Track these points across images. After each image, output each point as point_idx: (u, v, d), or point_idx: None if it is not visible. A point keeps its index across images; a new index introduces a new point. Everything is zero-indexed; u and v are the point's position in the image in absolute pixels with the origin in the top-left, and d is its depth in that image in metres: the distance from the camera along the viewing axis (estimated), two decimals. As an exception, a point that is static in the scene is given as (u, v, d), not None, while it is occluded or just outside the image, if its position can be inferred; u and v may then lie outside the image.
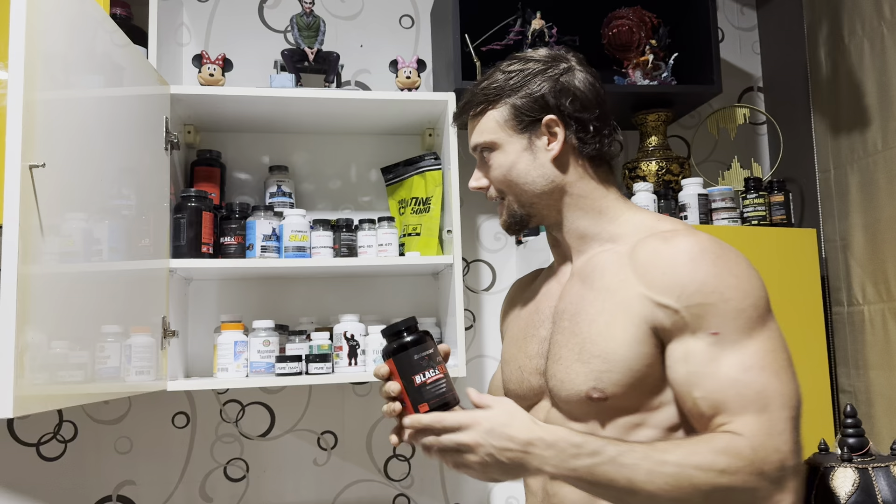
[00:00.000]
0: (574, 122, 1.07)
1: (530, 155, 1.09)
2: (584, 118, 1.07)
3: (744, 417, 0.90)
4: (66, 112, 1.16)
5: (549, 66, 1.10)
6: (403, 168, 1.99)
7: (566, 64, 1.10)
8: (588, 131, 1.07)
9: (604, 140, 1.09)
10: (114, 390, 1.37)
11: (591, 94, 1.08)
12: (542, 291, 1.18)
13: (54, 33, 1.12)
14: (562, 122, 1.07)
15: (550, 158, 1.08)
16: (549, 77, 1.09)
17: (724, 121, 2.22)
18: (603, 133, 1.09)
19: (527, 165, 1.09)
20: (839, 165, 1.99)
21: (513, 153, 1.10)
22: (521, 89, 1.09)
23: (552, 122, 1.07)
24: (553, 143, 1.08)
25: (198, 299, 1.94)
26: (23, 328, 1.00)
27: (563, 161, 1.09)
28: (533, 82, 1.09)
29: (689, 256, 0.96)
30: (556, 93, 1.07)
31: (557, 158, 1.08)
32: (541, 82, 1.08)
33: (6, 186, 0.99)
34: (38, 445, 1.88)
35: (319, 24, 1.86)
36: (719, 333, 0.93)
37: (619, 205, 1.11)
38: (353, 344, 1.75)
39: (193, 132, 1.91)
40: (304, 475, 1.97)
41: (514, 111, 1.09)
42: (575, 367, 1.02)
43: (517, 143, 1.10)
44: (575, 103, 1.07)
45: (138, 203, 1.46)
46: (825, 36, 2.05)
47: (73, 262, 1.17)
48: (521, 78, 1.09)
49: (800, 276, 1.83)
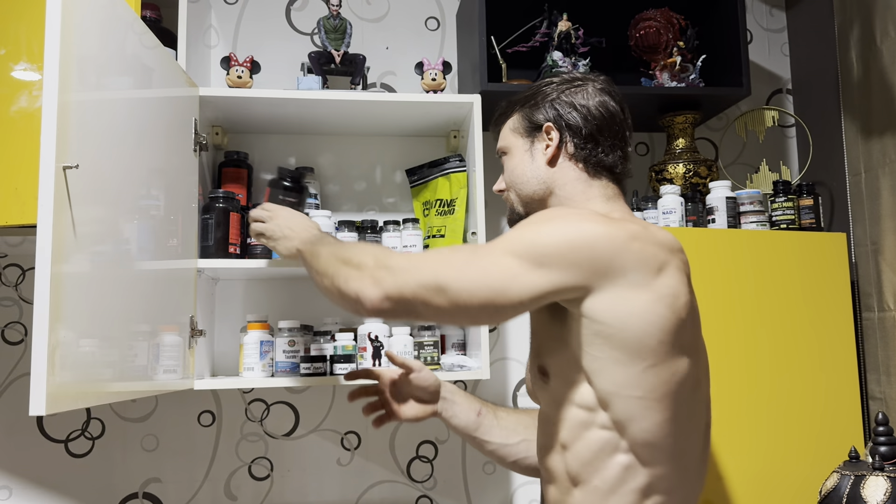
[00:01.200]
0: (570, 130, 1.16)
1: (530, 157, 1.19)
2: (581, 127, 1.15)
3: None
4: (98, 113, 1.17)
5: (565, 82, 1.20)
6: (428, 170, 1.99)
7: (582, 82, 1.20)
8: (584, 138, 1.15)
9: (599, 148, 1.15)
10: (142, 388, 1.39)
11: (596, 108, 1.16)
12: None
13: (87, 35, 1.14)
14: (557, 129, 1.16)
15: (546, 161, 1.17)
16: (557, 90, 1.19)
17: (753, 123, 2.20)
18: (601, 142, 1.15)
19: (525, 167, 1.19)
20: (870, 169, 1.96)
21: (517, 156, 1.21)
22: (531, 100, 1.21)
23: (549, 128, 1.17)
24: (549, 147, 1.17)
25: (224, 299, 1.96)
26: (55, 327, 1.01)
27: (556, 164, 1.17)
28: (541, 93, 1.20)
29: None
30: (558, 104, 1.17)
31: (552, 161, 1.17)
32: (549, 94, 1.19)
33: (41, 187, 1.01)
34: (67, 442, 1.90)
35: (346, 27, 1.87)
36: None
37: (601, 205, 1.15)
38: (377, 345, 1.76)
39: (221, 133, 1.92)
40: (327, 475, 1.98)
41: (522, 118, 1.21)
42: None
43: (522, 146, 1.21)
44: (575, 113, 1.16)
45: (167, 204, 1.48)
46: (856, 37, 2.02)
47: (103, 262, 1.19)
48: (534, 91, 1.21)
49: (829, 281, 1.80)
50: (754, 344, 1.72)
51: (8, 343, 1.91)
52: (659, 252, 1.01)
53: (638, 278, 0.98)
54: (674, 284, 1.01)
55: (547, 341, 1.11)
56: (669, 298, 1.00)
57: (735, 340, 1.71)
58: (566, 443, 1.08)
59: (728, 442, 1.66)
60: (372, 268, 1.04)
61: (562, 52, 1.98)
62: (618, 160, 1.16)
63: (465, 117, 1.90)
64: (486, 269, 1.00)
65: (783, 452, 1.69)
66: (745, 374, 1.70)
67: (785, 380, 1.73)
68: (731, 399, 1.68)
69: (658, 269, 1.00)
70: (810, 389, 1.74)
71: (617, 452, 1.03)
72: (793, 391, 1.73)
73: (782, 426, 1.70)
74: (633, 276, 0.98)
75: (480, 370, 1.74)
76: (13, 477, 1.87)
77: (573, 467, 1.07)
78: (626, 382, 1.00)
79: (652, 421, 1.01)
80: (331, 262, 1.13)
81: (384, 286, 1.01)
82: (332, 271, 1.11)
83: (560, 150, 1.16)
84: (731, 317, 1.72)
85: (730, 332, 1.71)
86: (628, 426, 1.02)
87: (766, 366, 1.72)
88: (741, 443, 1.67)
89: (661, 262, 1.01)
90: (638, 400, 1.00)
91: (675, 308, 1.00)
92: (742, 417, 1.68)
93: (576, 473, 1.07)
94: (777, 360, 1.73)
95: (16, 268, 1.93)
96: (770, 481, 1.68)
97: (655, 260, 1.00)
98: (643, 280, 0.99)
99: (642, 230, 1.03)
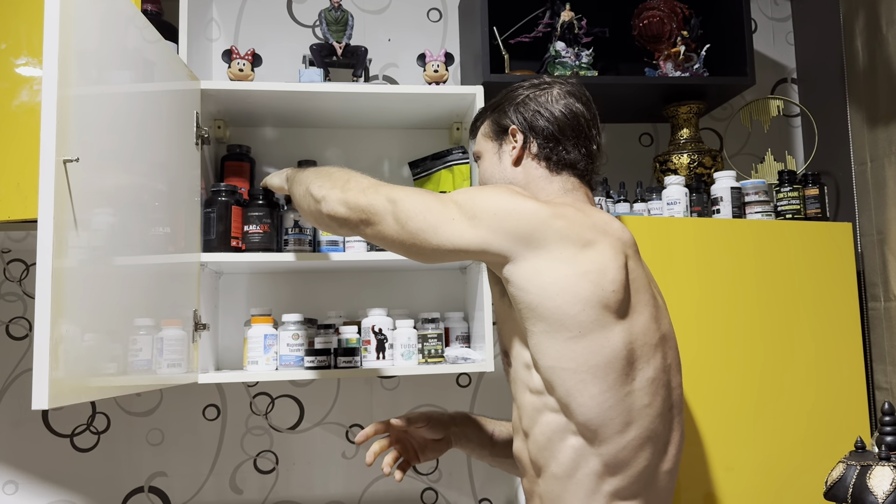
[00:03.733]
0: (533, 131, 1.21)
1: (498, 159, 1.25)
2: (543, 128, 1.20)
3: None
4: (99, 107, 1.17)
5: (532, 86, 1.25)
6: (431, 162, 1.98)
7: (548, 85, 1.24)
8: (546, 138, 1.20)
9: (560, 147, 1.20)
10: (146, 382, 1.39)
11: (560, 110, 1.21)
12: None
13: (87, 29, 1.13)
14: (521, 131, 1.22)
15: (511, 162, 1.23)
16: (523, 94, 1.24)
17: (758, 113, 2.18)
18: (562, 142, 1.20)
19: (494, 168, 1.26)
20: (876, 158, 1.95)
21: (488, 159, 1.27)
22: (500, 105, 1.26)
23: (514, 131, 1.22)
24: (514, 149, 1.22)
25: (228, 293, 1.96)
26: (57, 321, 1.01)
27: (521, 164, 1.22)
28: (508, 98, 1.25)
29: None
30: (523, 107, 1.23)
31: (516, 161, 1.22)
32: (515, 98, 1.24)
33: (41, 181, 1.00)
34: (72, 437, 1.91)
35: (347, 19, 1.86)
36: None
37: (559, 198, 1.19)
38: (381, 338, 1.76)
39: (223, 127, 1.92)
40: (332, 468, 1.98)
41: (491, 123, 1.27)
42: None
43: (492, 149, 1.26)
44: (538, 116, 1.21)
45: (169, 198, 1.48)
46: (862, 26, 2.00)
47: (105, 256, 1.18)
48: (503, 96, 1.27)
49: (835, 270, 1.79)
50: (760, 334, 1.71)
51: (13, 338, 1.91)
52: (586, 231, 1.07)
53: (558, 253, 1.04)
54: (601, 260, 1.05)
55: (503, 324, 1.17)
56: (593, 274, 1.04)
57: (741, 331, 1.70)
58: (527, 430, 1.12)
59: (734, 432, 1.65)
60: (343, 184, 1.19)
61: (565, 43, 1.97)
62: (580, 157, 1.21)
63: (467, 109, 1.90)
64: (430, 205, 1.10)
65: (789, 443, 1.69)
66: (751, 364, 1.70)
67: (791, 370, 1.72)
68: (737, 390, 1.67)
69: (582, 246, 1.05)
70: (816, 380, 1.73)
71: (567, 435, 1.07)
72: (799, 381, 1.72)
73: (788, 417, 1.70)
74: (554, 250, 1.04)
75: (484, 362, 1.74)
76: (19, 471, 1.88)
77: (534, 455, 1.11)
78: (556, 355, 1.05)
79: (587, 395, 1.04)
80: (309, 175, 1.29)
81: (347, 199, 1.16)
82: (307, 181, 1.27)
83: (524, 150, 1.22)
84: (737, 307, 1.71)
85: (735, 322, 1.70)
86: (570, 404, 1.05)
87: (772, 356, 1.71)
88: (747, 433, 1.67)
89: (586, 239, 1.06)
90: (571, 373, 1.04)
91: (599, 283, 1.04)
92: (748, 408, 1.68)
93: (536, 461, 1.11)
94: (783, 350, 1.72)
95: (20, 263, 1.93)
96: (776, 472, 1.67)
97: (580, 238, 1.06)
98: (564, 255, 1.04)
99: (574, 211, 1.10)
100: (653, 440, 1.09)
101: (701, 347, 1.64)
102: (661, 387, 1.11)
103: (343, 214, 1.17)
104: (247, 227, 1.73)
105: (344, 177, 1.22)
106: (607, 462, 1.06)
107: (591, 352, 1.04)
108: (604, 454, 1.05)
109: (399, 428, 1.36)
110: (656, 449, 1.10)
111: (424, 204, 1.11)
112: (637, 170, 2.16)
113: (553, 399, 1.07)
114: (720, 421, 1.64)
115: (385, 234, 1.13)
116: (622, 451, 1.06)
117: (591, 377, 1.04)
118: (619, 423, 1.05)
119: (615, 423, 1.05)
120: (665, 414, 1.11)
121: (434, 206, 1.10)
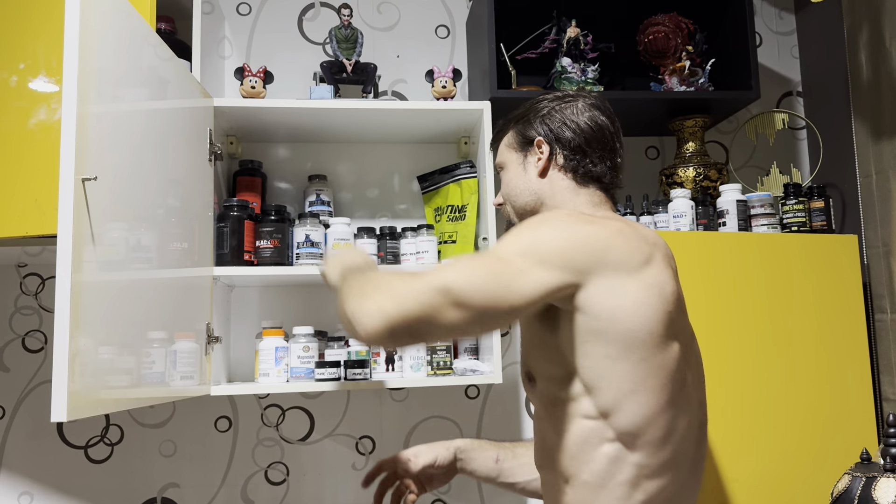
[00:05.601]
0: (560, 143, 1.20)
1: (523, 171, 1.24)
2: (570, 140, 1.20)
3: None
4: (116, 125, 1.20)
5: (556, 98, 1.24)
6: (439, 176, 2.01)
7: (572, 98, 1.24)
8: (573, 150, 1.20)
9: (586, 160, 1.20)
10: (159, 395, 1.41)
11: (585, 123, 1.20)
12: None
13: (104, 48, 1.17)
14: (548, 142, 1.21)
15: (537, 173, 1.22)
16: (549, 106, 1.23)
17: (763, 126, 2.20)
18: (589, 154, 1.20)
19: (519, 180, 1.24)
20: (881, 170, 1.96)
21: (512, 170, 1.26)
22: (524, 116, 1.26)
23: (540, 142, 1.22)
24: (540, 160, 1.21)
25: (240, 306, 1.99)
26: (75, 335, 1.04)
27: (547, 176, 1.21)
28: (534, 110, 1.25)
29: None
30: (549, 118, 1.22)
31: (543, 173, 1.21)
32: (540, 110, 1.24)
33: (60, 199, 1.03)
34: (86, 448, 1.93)
35: (357, 36, 1.90)
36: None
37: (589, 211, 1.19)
38: (391, 350, 1.78)
39: (236, 143, 1.95)
40: (342, 479, 2.00)
41: (516, 134, 1.26)
42: None
43: (516, 160, 1.25)
44: (564, 128, 1.20)
45: (183, 213, 1.50)
46: (865, 39, 2.02)
47: (121, 271, 1.21)
48: (527, 108, 1.26)
49: (841, 283, 1.80)
50: (767, 347, 1.72)
51: (29, 351, 1.95)
52: (643, 245, 1.06)
53: (626, 270, 1.03)
54: (660, 275, 1.05)
55: (534, 347, 1.13)
56: (657, 288, 1.03)
57: (747, 343, 1.71)
58: (554, 439, 1.10)
59: (740, 443, 1.66)
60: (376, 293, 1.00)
61: (571, 59, 1.99)
62: (606, 170, 1.21)
63: (475, 124, 1.92)
64: (491, 268, 1.01)
65: (795, 454, 1.69)
66: (758, 376, 1.71)
67: (797, 382, 1.73)
68: (744, 401, 1.68)
69: (645, 261, 1.04)
70: (823, 391, 1.74)
71: (603, 443, 1.05)
72: (805, 393, 1.73)
73: (795, 428, 1.71)
74: (621, 268, 1.03)
75: (493, 374, 1.75)
76: (34, 483, 1.91)
77: (562, 463, 1.09)
78: (616, 376, 1.02)
79: (639, 409, 1.03)
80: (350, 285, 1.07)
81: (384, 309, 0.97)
82: (344, 294, 1.06)
83: (550, 161, 1.21)
84: (743, 320, 1.72)
85: (742, 335, 1.71)
86: (614, 413, 1.03)
87: (779, 368, 1.72)
88: (753, 444, 1.67)
89: (647, 254, 1.05)
90: (628, 392, 1.02)
91: (663, 297, 1.04)
92: (755, 419, 1.68)
93: (565, 469, 1.08)
94: (789, 362, 1.73)
95: (35, 277, 1.97)
96: (782, 483, 1.68)
97: (641, 252, 1.05)
98: (631, 271, 1.03)
99: (625, 226, 1.08)
100: (686, 454, 1.09)
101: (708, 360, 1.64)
102: (697, 402, 1.12)
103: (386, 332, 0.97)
104: (258, 242, 1.76)
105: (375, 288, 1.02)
106: (644, 473, 1.04)
107: (652, 371, 1.03)
108: (643, 465, 1.04)
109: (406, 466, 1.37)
110: (688, 462, 1.10)
111: (481, 271, 1.01)
112: (643, 183, 2.18)
113: (590, 404, 1.05)
114: (727, 432, 1.65)
115: (452, 325, 0.98)
116: (657, 462, 1.05)
117: (648, 395, 1.03)
118: (665, 439, 1.05)
119: (661, 439, 1.04)
120: (698, 429, 1.12)
121: (493, 267, 1.01)
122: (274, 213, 1.78)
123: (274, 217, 1.78)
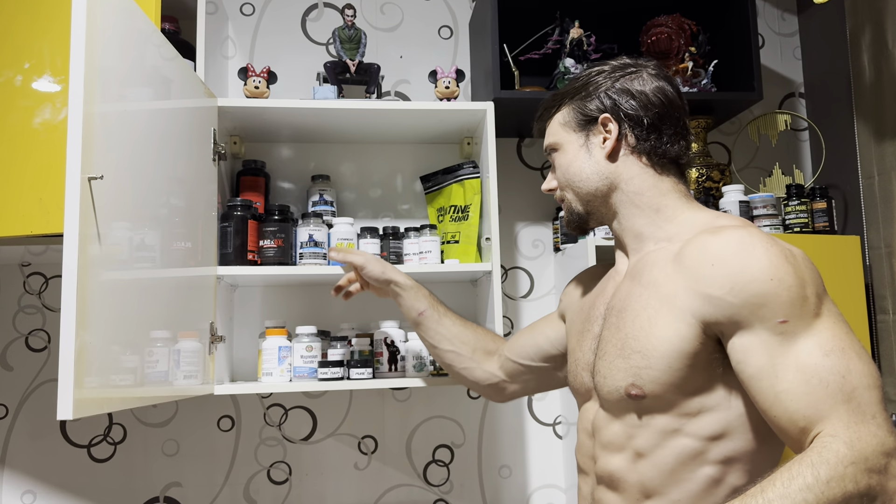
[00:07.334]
0: (630, 120, 1.08)
1: (586, 152, 1.12)
2: (642, 116, 1.08)
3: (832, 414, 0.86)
4: (121, 125, 1.20)
5: (615, 70, 1.12)
6: (442, 176, 2.01)
7: (634, 69, 1.11)
8: (646, 129, 1.08)
9: (663, 139, 1.08)
10: (163, 394, 1.41)
11: (654, 96, 1.08)
12: (600, 288, 1.19)
13: (108, 48, 1.17)
14: (616, 120, 1.09)
15: (605, 155, 1.10)
16: (609, 78, 1.11)
17: (765, 127, 2.20)
18: (664, 132, 1.08)
19: (582, 163, 1.12)
20: (883, 171, 1.96)
21: (571, 152, 1.13)
22: (580, 91, 1.13)
23: (606, 120, 1.10)
24: (607, 141, 1.09)
25: (243, 305, 1.99)
26: (81, 333, 1.04)
27: (617, 158, 1.10)
28: (592, 84, 1.12)
29: (739, 247, 0.95)
30: (613, 92, 1.09)
31: (612, 155, 1.09)
32: (600, 84, 1.11)
33: (67, 198, 1.03)
34: (89, 447, 1.94)
35: (361, 37, 1.90)
36: (788, 321, 0.91)
37: (679, 203, 1.09)
38: (394, 350, 1.78)
39: (239, 143, 1.96)
40: (345, 479, 2.00)
41: (573, 111, 1.13)
42: (616, 362, 1.03)
43: (575, 141, 1.13)
44: (632, 103, 1.08)
45: (187, 212, 1.51)
46: (868, 41, 2.02)
47: (126, 270, 1.21)
48: (584, 81, 1.13)
49: (843, 284, 1.81)
50: (768, 347, 1.72)
51: (32, 350, 1.95)
52: None
53: None
54: None
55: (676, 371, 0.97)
56: None
57: (749, 344, 1.71)
58: (643, 451, 1.01)
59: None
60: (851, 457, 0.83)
61: (574, 59, 2.00)
62: (682, 151, 1.10)
63: (478, 124, 1.92)
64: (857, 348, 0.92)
65: (798, 455, 1.69)
66: (760, 377, 1.71)
67: (799, 383, 1.73)
68: (746, 402, 1.68)
69: None
70: (825, 392, 1.74)
71: (704, 465, 0.97)
72: (807, 394, 1.73)
73: (797, 429, 1.71)
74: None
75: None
76: (37, 482, 1.91)
77: (649, 477, 1.00)
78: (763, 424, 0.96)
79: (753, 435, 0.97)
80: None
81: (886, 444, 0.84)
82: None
83: (620, 142, 1.09)
84: (745, 320, 1.72)
85: (744, 335, 1.71)
86: (726, 438, 0.97)
87: (781, 369, 1.72)
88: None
89: None
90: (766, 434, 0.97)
91: None
92: (757, 420, 1.69)
93: (651, 484, 1.00)
94: (791, 363, 1.73)
95: (39, 276, 1.97)
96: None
97: None
98: None
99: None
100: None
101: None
102: None
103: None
104: (262, 242, 1.76)
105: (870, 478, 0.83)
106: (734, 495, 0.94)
107: None
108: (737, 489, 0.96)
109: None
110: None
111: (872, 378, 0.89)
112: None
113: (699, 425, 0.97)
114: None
115: None
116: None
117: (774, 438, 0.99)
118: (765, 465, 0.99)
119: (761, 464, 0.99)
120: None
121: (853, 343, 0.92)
122: (277, 213, 1.78)
123: (277, 217, 1.78)
